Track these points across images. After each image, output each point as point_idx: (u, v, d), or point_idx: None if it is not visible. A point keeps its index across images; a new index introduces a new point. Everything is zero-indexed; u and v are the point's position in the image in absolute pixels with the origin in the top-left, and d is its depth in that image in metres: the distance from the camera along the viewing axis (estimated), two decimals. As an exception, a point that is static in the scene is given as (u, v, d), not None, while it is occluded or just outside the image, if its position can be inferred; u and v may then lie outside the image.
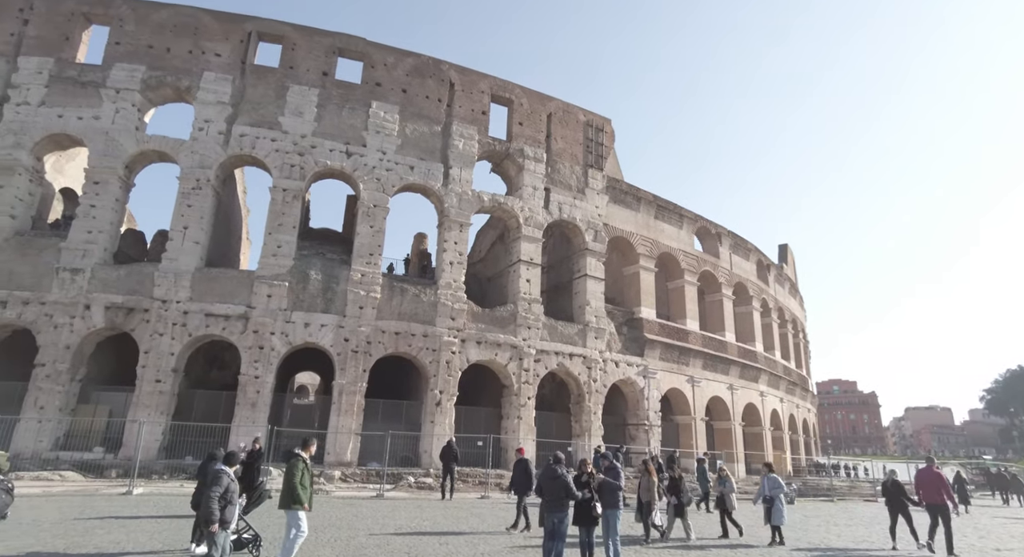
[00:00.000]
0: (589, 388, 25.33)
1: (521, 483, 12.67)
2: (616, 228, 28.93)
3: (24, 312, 19.49)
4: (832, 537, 13.89)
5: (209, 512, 6.80)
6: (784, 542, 12.24)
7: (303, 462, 7.97)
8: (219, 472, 7.21)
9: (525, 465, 12.95)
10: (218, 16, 23.84)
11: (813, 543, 12.86)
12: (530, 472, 12.74)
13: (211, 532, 6.83)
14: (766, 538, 12.42)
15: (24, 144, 21.08)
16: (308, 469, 8.05)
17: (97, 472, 17.73)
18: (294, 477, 7.74)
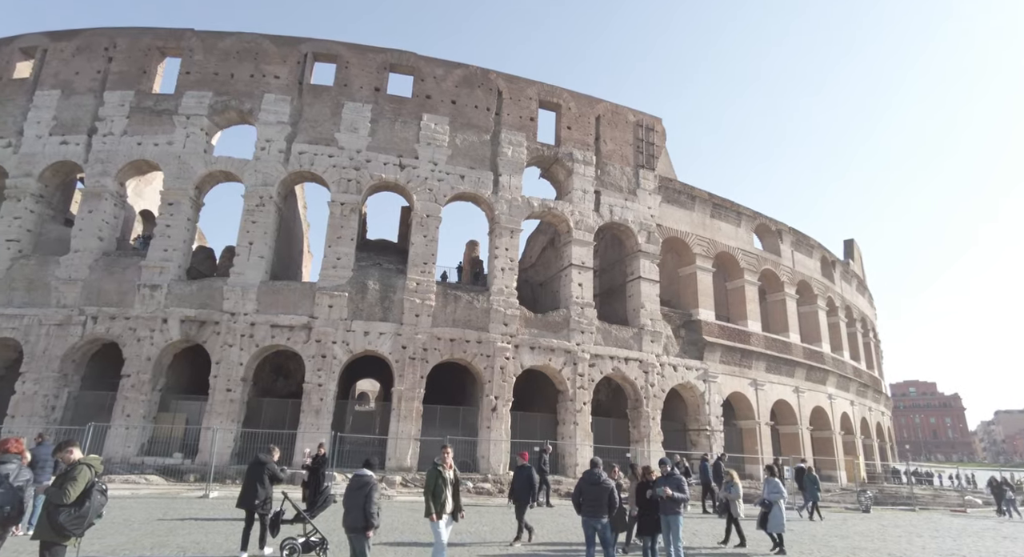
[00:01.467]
0: (646, 393, 24.86)
1: (522, 491, 11.68)
2: (670, 228, 28.34)
3: (111, 326, 21.03)
4: (915, 549, 13.01)
5: (371, 515, 7.03)
6: (785, 551, 11.42)
7: (437, 470, 8.07)
8: (366, 479, 7.31)
9: (528, 472, 12.00)
10: (276, 40, 25.02)
11: (894, 553, 12.13)
12: (532, 480, 11.97)
13: (366, 537, 7.02)
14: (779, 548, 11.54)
15: (109, 171, 22.79)
16: (443, 477, 8.05)
17: (177, 476, 18.87)
18: (427, 487, 8.00)
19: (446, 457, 8.28)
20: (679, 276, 29.57)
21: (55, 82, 24.31)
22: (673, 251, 29.62)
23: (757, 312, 30.34)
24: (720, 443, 25.78)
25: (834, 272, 38.14)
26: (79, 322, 20.96)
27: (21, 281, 21.61)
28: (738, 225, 31.28)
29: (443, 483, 7.96)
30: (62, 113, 23.77)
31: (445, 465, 8.12)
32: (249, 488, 8.95)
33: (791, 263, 33.47)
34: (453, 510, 8.07)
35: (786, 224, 34.32)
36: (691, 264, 28.84)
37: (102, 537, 9.77)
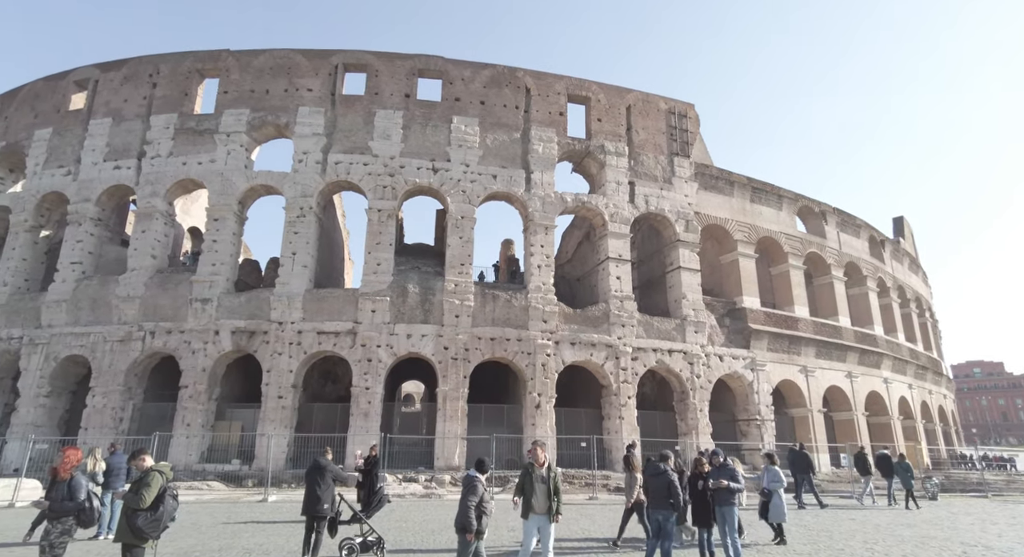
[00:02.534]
0: (692, 385, 24.48)
1: None
2: (709, 216, 27.79)
3: (168, 340, 22.02)
4: (991, 537, 12.43)
5: (467, 521, 6.84)
6: (786, 541, 10.98)
7: (527, 469, 8.01)
8: (472, 479, 7.19)
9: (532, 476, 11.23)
10: (307, 54, 25.67)
11: (967, 542, 11.63)
12: None
13: (465, 541, 6.85)
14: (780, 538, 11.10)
15: (159, 192, 23.86)
16: (531, 476, 7.82)
17: (236, 482, 19.64)
18: (516, 486, 8.07)
19: (538, 455, 8.00)
20: (720, 264, 28.97)
21: (106, 110, 25.59)
22: (713, 239, 29.04)
23: (804, 297, 29.46)
24: (771, 433, 25.17)
25: (884, 251, 36.68)
26: (139, 337, 22.04)
27: (86, 301, 22.85)
28: (779, 209, 30.43)
29: (531, 482, 7.72)
30: (114, 139, 25.00)
31: (537, 463, 7.87)
32: (310, 494, 8.98)
33: (837, 245, 32.35)
34: (548, 510, 7.67)
35: (830, 205, 33.19)
36: (732, 251, 28.21)
37: (174, 540, 10.27)
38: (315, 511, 8.86)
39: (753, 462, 24.36)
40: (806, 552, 10.16)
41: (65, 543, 6.50)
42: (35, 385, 22.22)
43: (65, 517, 6.50)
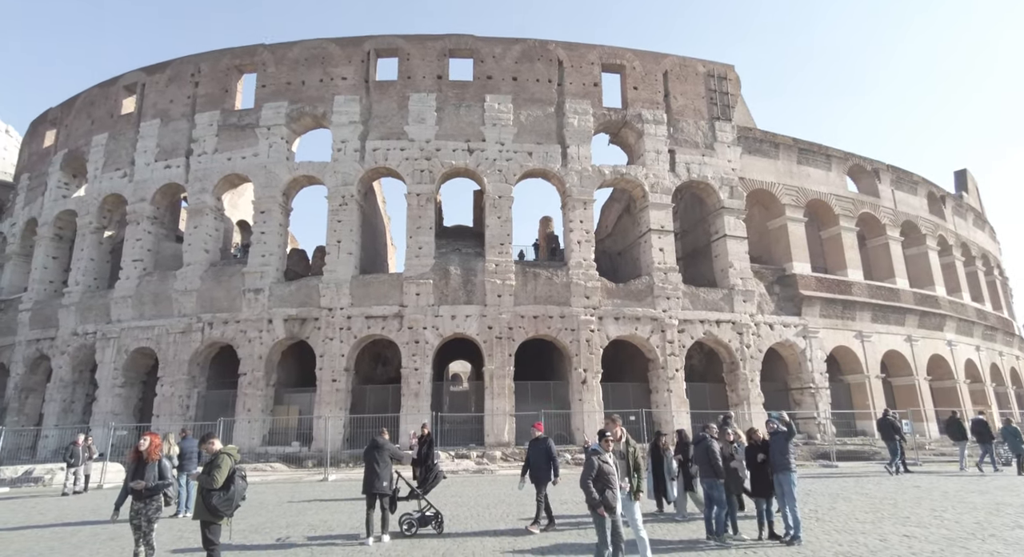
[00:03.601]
0: (742, 355, 24.02)
1: (541, 468, 9.96)
2: (754, 180, 26.87)
3: (225, 330, 23.06)
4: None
5: (589, 498, 6.67)
6: None
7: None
8: (587, 455, 7.08)
9: (545, 446, 10.17)
10: (340, 42, 25.88)
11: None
12: (552, 454, 10.05)
13: (599, 516, 6.62)
14: None
15: (207, 188, 24.77)
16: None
17: (297, 463, 20.61)
18: None
19: (615, 429, 7.61)
20: (768, 230, 28.06)
21: (155, 112, 26.60)
22: (759, 204, 28.11)
23: (857, 260, 28.27)
24: (827, 400, 24.52)
25: (944, 208, 34.69)
26: (198, 328, 23.17)
27: (148, 296, 24.13)
28: (828, 169, 29.11)
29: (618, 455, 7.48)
30: (163, 140, 26.02)
31: (613, 438, 7.47)
32: (370, 472, 9.26)
33: (892, 203, 30.79)
34: (629, 489, 7.39)
35: (883, 162, 31.51)
36: (780, 216, 27.26)
37: (245, 517, 10.91)
38: (375, 488, 9.17)
39: (808, 431, 23.89)
40: (868, 520, 9.96)
41: (157, 519, 7.06)
42: (110, 376, 23.76)
43: (156, 496, 7.07)
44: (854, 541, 8.45)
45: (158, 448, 7.46)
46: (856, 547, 8.12)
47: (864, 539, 8.57)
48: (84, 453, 15.94)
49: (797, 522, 8.42)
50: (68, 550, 8.95)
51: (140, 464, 7.30)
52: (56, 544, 9.40)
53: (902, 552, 7.81)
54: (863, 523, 9.74)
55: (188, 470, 11.90)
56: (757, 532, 8.81)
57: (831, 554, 7.78)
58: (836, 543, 8.37)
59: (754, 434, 9.34)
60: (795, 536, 8.36)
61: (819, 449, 22.15)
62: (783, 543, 8.39)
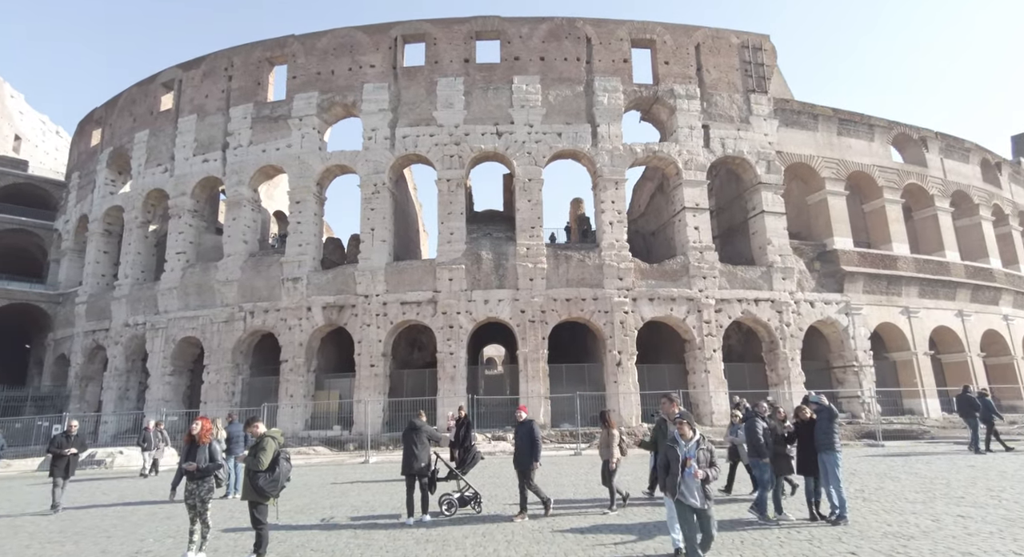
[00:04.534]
0: (782, 333, 23.47)
1: (523, 452, 9.31)
2: (792, 154, 25.98)
3: (266, 319, 23.71)
4: None
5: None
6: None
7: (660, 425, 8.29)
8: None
9: (529, 429, 9.43)
10: (367, 30, 25.93)
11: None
12: (535, 438, 9.33)
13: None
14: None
15: (244, 180, 25.33)
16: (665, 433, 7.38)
17: (338, 446, 21.17)
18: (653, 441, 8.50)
19: (671, 409, 7.34)
20: (807, 205, 27.17)
21: (191, 108, 27.26)
22: (798, 178, 27.20)
23: (903, 233, 27.14)
24: (871, 378, 23.80)
25: (1000, 175, 32.93)
26: (240, 317, 23.88)
27: (192, 287, 24.96)
28: (871, 139, 27.91)
29: (663, 437, 7.09)
30: (200, 134, 26.67)
31: (670, 419, 7.11)
32: (408, 454, 9.37)
33: (941, 173, 29.36)
34: None
35: (931, 130, 30.01)
36: (820, 190, 26.34)
37: (291, 499, 11.29)
38: (414, 469, 9.32)
39: (852, 410, 23.29)
40: (919, 500, 9.66)
41: (209, 498, 7.36)
42: (160, 365, 24.77)
43: (209, 477, 7.35)
44: (904, 521, 8.21)
45: (209, 431, 7.76)
46: (906, 527, 7.89)
47: (915, 519, 8.31)
48: (155, 438, 16.58)
49: (843, 502, 8.22)
50: (129, 528, 9.44)
51: (193, 447, 7.60)
52: (118, 522, 9.92)
53: (956, 532, 7.55)
54: (913, 503, 9.44)
55: (235, 453, 12.33)
56: (807, 512, 8.65)
57: (879, 534, 7.58)
58: (884, 523, 8.15)
59: (801, 413, 9.13)
60: (841, 516, 8.17)
61: (864, 428, 21.57)
62: (829, 523, 8.22)
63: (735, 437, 10.79)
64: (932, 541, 7.19)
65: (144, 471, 16.38)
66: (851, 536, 7.56)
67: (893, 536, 7.46)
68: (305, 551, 7.52)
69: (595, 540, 7.76)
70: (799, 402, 9.69)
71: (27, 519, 10.53)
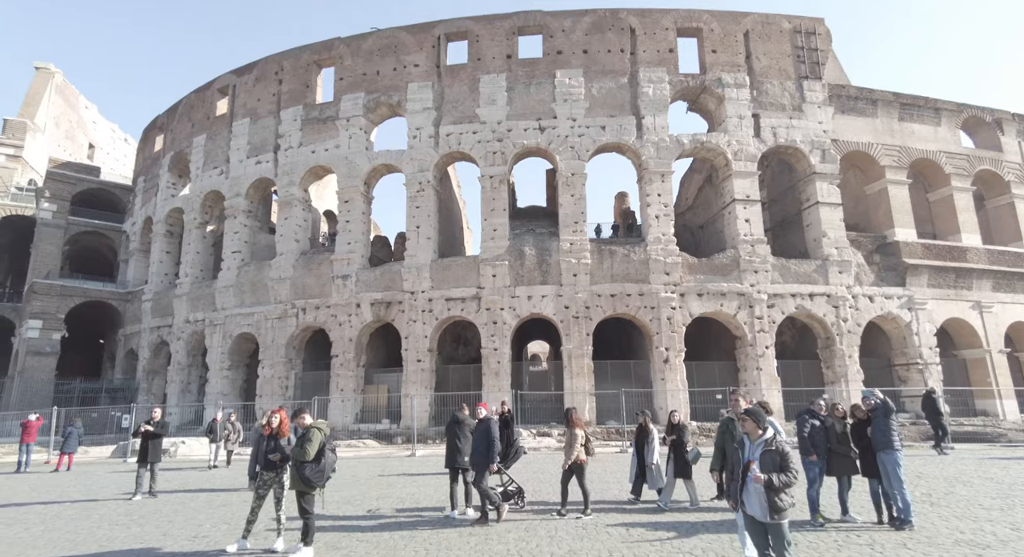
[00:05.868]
0: (838, 329, 22.44)
1: (479, 451, 8.85)
2: (849, 142, 24.77)
3: (317, 315, 24.39)
4: None
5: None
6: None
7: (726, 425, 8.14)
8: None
9: (486, 428, 8.98)
10: (411, 29, 26.24)
11: None
12: (492, 438, 8.86)
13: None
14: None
15: (295, 181, 26.12)
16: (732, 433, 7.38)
17: (387, 439, 21.58)
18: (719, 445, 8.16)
19: (740, 405, 7.00)
20: (865, 195, 25.87)
21: (245, 111, 28.30)
22: (855, 167, 25.94)
23: (973, 222, 25.46)
24: (937, 377, 22.45)
25: (1085, 160, 30.40)
26: (293, 314, 24.65)
27: (248, 285, 25.94)
28: (937, 124, 26.28)
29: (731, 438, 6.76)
30: (253, 137, 27.65)
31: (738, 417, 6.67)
32: (451, 447, 9.49)
33: (1019, 157, 27.37)
34: None
35: (1007, 111, 28.01)
36: (879, 179, 25.02)
37: (339, 490, 11.56)
38: (457, 463, 9.38)
39: (916, 410, 22.04)
40: (995, 506, 9.03)
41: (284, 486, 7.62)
42: (218, 360, 25.87)
43: (284, 465, 7.54)
44: (978, 529, 7.67)
45: (287, 424, 7.89)
46: (981, 535, 7.36)
47: (991, 527, 7.75)
48: (223, 430, 16.52)
49: (907, 505, 7.75)
50: (188, 513, 9.89)
51: (272, 439, 7.84)
52: (180, 507, 10.41)
53: (1035, 542, 7.00)
54: (989, 510, 8.82)
55: (285, 444, 12.66)
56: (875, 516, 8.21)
57: (950, 542, 7.11)
58: (956, 530, 7.63)
59: (857, 410, 8.71)
60: (905, 520, 7.70)
61: (929, 430, 20.36)
62: (892, 528, 7.77)
63: None
64: (1012, 551, 6.69)
65: (212, 463, 16.30)
66: (917, 542, 7.12)
67: (966, 544, 6.98)
68: (351, 541, 7.67)
69: (639, 536, 7.61)
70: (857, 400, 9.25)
71: (100, 503, 11.18)
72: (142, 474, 11.59)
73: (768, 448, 5.04)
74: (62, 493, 12.46)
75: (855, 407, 8.83)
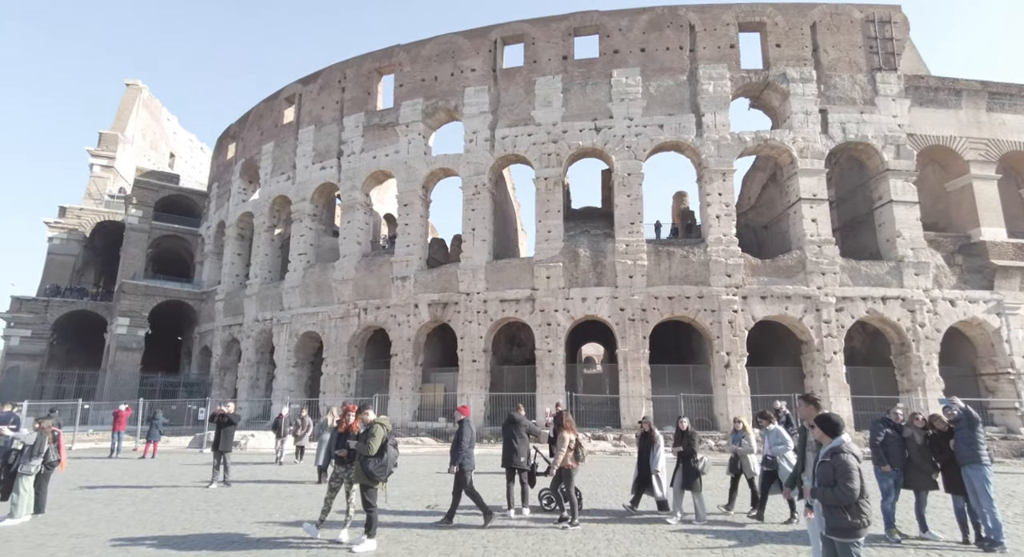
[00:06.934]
0: (915, 335, 21.12)
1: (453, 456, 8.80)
2: (927, 136, 23.29)
3: (378, 315, 25.13)
4: None
5: None
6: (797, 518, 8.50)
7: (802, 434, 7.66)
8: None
9: (458, 433, 8.98)
10: (468, 34, 26.65)
11: None
12: (457, 442, 8.82)
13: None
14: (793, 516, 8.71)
15: (357, 186, 27.04)
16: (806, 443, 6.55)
17: (443, 437, 21.94)
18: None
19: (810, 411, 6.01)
20: (946, 192, 24.25)
21: (310, 119, 29.54)
22: (935, 162, 24.37)
23: (1074, 222, 23.38)
24: (1032, 389, 20.74)
25: None
26: (354, 314, 25.50)
27: (312, 286, 27.04)
28: (1031, 114, 24.29)
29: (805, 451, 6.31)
30: (318, 143, 28.83)
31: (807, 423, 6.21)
32: (508, 447, 9.59)
33: None
34: None
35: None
36: (963, 174, 23.39)
37: (399, 485, 11.89)
38: (514, 463, 9.46)
39: (1007, 423, 20.50)
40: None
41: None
42: (285, 357, 27.10)
43: (352, 460, 7.77)
44: (1074, 553, 7.07)
45: (356, 420, 8.13)
46: (1076, 560, 6.78)
47: (1088, 551, 7.13)
48: (287, 425, 16.90)
49: (997, 525, 7.19)
50: (260, 503, 10.43)
51: (343, 434, 8.18)
52: (251, 497, 11.00)
53: None
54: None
55: (349, 440, 13.11)
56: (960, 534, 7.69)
57: (1042, 565, 6.59)
58: (1048, 553, 7.06)
59: (937, 421, 8.15)
60: (996, 541, 7.15)
61: (1022, 446, 18.89)
62: (981, 549, 7.24)
63: (738, 446, 9.76)
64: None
65: (279, 459, 16.46)
66: (1005, 564, 6.64)
67: (1061, 568, 6.46)
68: (411, 535, 7.88)
69: (699, 543, 7.46)
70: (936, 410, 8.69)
71: (181, 489, 11.97)
72: (217, 463, 12.31)
73: (824, 459, 4.62)
74: (148, 478, 13.40)
75: (935, 417, 8.30)
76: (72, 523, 8.74)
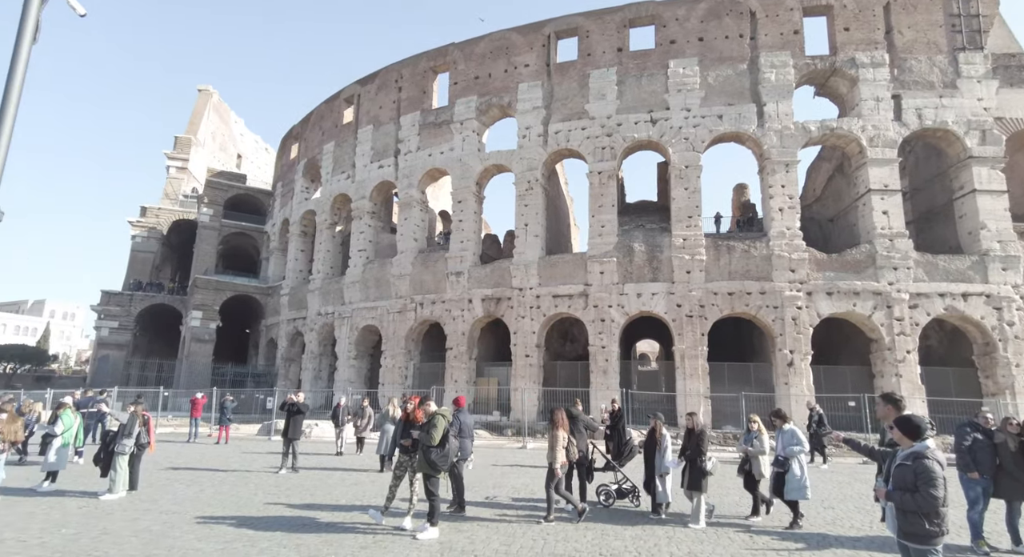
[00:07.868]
0: (1001, 335, 19.71)
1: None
2: (1018, 120, 21.62)
3: (433, 310, 25.65)
4: None
5: None
6: (801, 525, 8.01)
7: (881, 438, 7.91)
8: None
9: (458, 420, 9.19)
10: (521, 30, 26.68)
11: None
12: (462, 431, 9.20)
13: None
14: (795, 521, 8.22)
15: (413, 183, 27.63)
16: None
17: (497, 430, 22.21)
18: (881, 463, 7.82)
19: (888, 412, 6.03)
20: (1038, 181, 22.45)
21: (368, 119, 30.38)
22: (1024, 149, 22.59)
23: None
24: None
25: None
26: (411, 308, 26.11)
27: (372, 281, 27.86)
28: None
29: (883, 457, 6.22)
30: (376, 143, 29.61)
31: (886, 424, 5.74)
32: None
33: None
34: None
35: None
36: (1057, 162, 21.60)
37: (457, 475, 12.14)
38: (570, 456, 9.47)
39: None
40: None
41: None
42: (346, 350, 28.06)
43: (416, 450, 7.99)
44: None
45: (419, 412, 8.38)
46: None
47: None
48: (345, 415, 17.28)
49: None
50: (326, 489, 10.92)
51: (407, 424, 8.49)
52: (319, 483, 11.52)
53: None
54: None
55: (409, 430, 13.48)
56: None
57: None
58: None
59: (1009, 423, 7.65)
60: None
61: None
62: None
63: (748, 447, 9.20)
64: None
65: (339, 449, 16.74)
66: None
67: None
68: (472, 525, 8.06)
69: (764, 544, 7.29)
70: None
71: (253, 474, 12.67)
72: (286, 451, 12.92)
73: (903, 462, 4.34)
74: (224, 463, 14.24)
75: (1006, 419, 7.79)
76: (161, 500, 9.44)
